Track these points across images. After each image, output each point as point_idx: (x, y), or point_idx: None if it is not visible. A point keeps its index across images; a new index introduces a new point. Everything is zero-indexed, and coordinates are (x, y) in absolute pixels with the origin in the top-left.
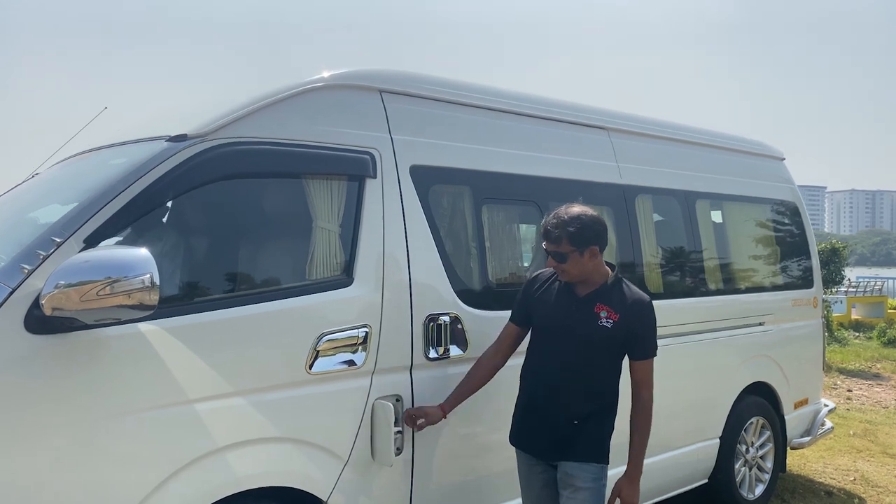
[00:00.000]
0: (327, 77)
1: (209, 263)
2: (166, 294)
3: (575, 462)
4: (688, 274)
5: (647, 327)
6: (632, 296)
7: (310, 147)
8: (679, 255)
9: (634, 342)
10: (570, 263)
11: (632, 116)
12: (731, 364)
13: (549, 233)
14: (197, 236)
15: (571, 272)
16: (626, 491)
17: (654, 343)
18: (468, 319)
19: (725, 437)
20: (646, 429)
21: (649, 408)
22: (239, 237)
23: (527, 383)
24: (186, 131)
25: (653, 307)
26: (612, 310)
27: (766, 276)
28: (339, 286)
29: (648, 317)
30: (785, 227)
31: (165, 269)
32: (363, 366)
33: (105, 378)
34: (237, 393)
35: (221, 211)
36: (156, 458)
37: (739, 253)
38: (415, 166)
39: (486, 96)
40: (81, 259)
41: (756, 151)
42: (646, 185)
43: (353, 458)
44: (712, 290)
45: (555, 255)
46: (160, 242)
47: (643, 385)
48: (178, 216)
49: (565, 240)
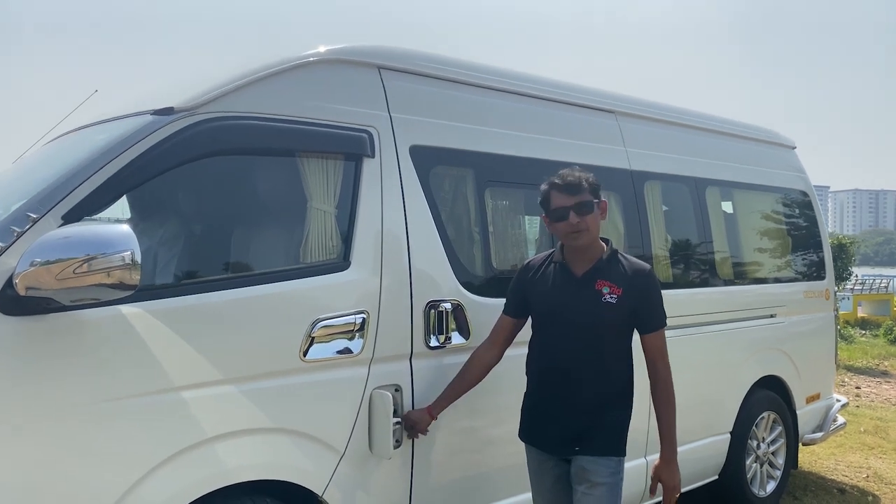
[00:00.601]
0: (323, 52)
1: (197, 243)
2: (152, 275)
3: (591, 456)
4: (697, 263)
5: (654, 296)
6: (631, 266)
7: (304, 123)
8: (689, 244)
9: (642, 314)
10: (593, 217)
11: (641, 101)
12: (741, 357)
13: (569, 184)
14: (185, 215)
15: (592, 229)
16: (666, 475)
17: (662, 312)
18: (471, 307)
19: (736, 432)
20: (670, 404)
21: (669, 381)
22: (229, 217)
23: (533, 375)
24: (173, 104)
25: (655, 276)
26: (613, 284)
27: (778, 267)
28: (335, 270)
29: (653, 285)
30: (796, 217)
31: (151, 249)
32: (360, 354)
33: (85, 363)
34: (226, 380)
35: (211, 189)
36: (140, 448)
37: (750, 242)
38: (415, 146)
39: (490, 76)
40: (58, 235)
41: (767, 139)
42: (655, 171)
43: (349, 451)
44: (722, 280)
45: (579, 207)
46: (145, 221)
47: (658, 358)
48: (164, 194)
49: (587, 189)
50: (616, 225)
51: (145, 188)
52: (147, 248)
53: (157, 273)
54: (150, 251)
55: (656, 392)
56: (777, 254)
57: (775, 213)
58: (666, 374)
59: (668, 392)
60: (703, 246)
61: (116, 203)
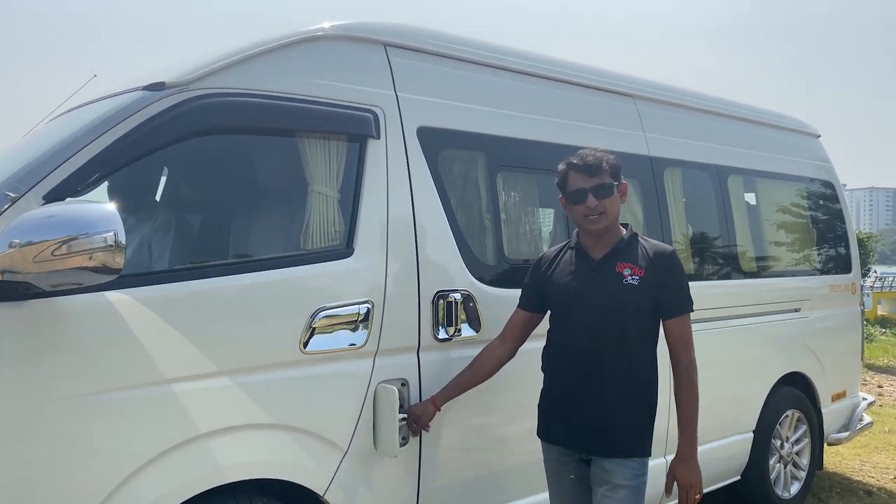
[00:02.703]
0: (327, 28)
1: (191, 227)
2: (141, 260)
3: (613, 458)
4: (719, 254)
5: (677, 278)
6: (653, 248)
7: (306, 102)
8: (710, 234)
9: (665, 297)
10: (612, 200)
11: (660, 85)
12: (765, 353)
13: (588, 165)
14: (177, 197)
15: (611, 213)
16: (682, 472)
17: (687, 295)
18: (482, 298)
19: (759, 430)
20: (693, 398)
21: (693, 373)
22: (226, 200)
23: (551, 370)
24: (165, 80)
25: (678, 256)
26: (635, 266)
27: (802, 260)
28: (338, 257)
29: (677, 266)
30: (821, 208)
31: (140, 232)
32: (365, 346)
33: (68, 353)
34: (222, 373)
35: (206, 169)
36: (129, 444)
37: (774, 233)
38: (423, 128)
39: (503, 56)
40: (36, 215)
41: (791, 127)
42: (675, 158)
43: (353, 449)
44: (745, 272)
45: (598, 190)
46: (134, 202)
47: (682, 346)
48: (155, 173)
49: (607, 171)
50: (634, 212)
51: (135, 167)
52: (136, 230)
53: (147, 258)
54: (139, 234)
55: (679, 383)
56: (801, 246)
57: (800, 203)
58: (689, 365)
59: (691, 384)
60: (725, 236)
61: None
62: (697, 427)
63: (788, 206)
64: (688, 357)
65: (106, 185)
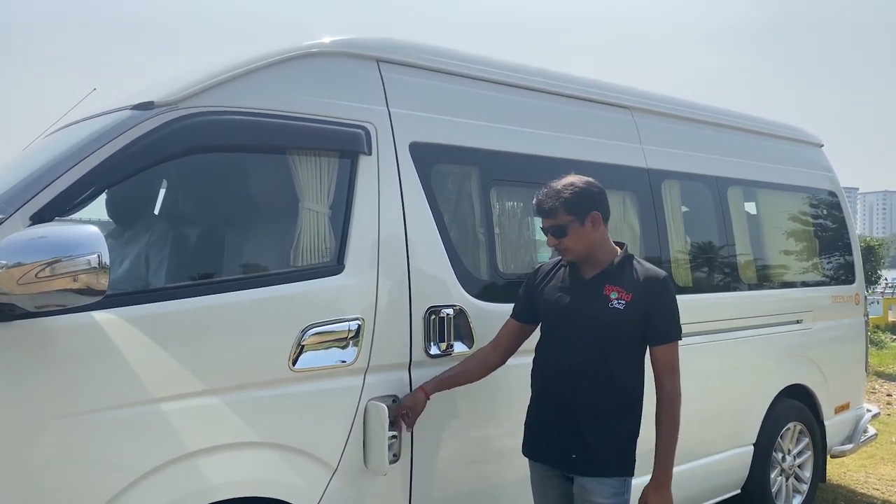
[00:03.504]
0: (318, 44)
1: (180, 246)
2: (129, 280)
3: (592, 476)
4: (719, 266)
5: (666, 305)
6: (645, 272)
7: (296, 119)
8: (709, 246)
9: (652, 323)
10: (572, 236)
11: (658, 96)
12: (765, 365)
13: (541, 207)
14: (167, 216)
15: (576, 248)
16: (654, 497)
17: (675, 324)
18: (475, 313)
19: (760, 443)
20: (672, 426)
21: (676, 401)
22: (215, 218)
23: (536, 386)
24: (154, 98)
25: (670, 283)
26: (623, 289)
27: (804, 271)
28: (328, 274)
29: (666, 293)
30: (824, 218)
31: (129, 251)
32: (355, 362)
33: (53, 373)
34: (209, 391)
35: (194, 188)
36: (114, 464)
37: (775, 244)
38: (415, 143)
39: (497, 70)
40: (21, 237)
41: (793, 137)
42: (673, 170)
43: (342, 466)
44: (745, 284)
45: (553, 231)
46: (123, 222)
47: (666, 374)
48: (144, 193)
49: (562, 210)
50: (632, 225)
51: (123, 187)
52: (126, 250)
53: (136, 277)
54: (128, 254)
55: (660, 411)
56: (803, 256)
57: (801, 213)
58: (673, 394)
59: (672, 413)
60: (725, 248)
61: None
62: (674, 456)
63: (790, 217)
64: (672, 385)
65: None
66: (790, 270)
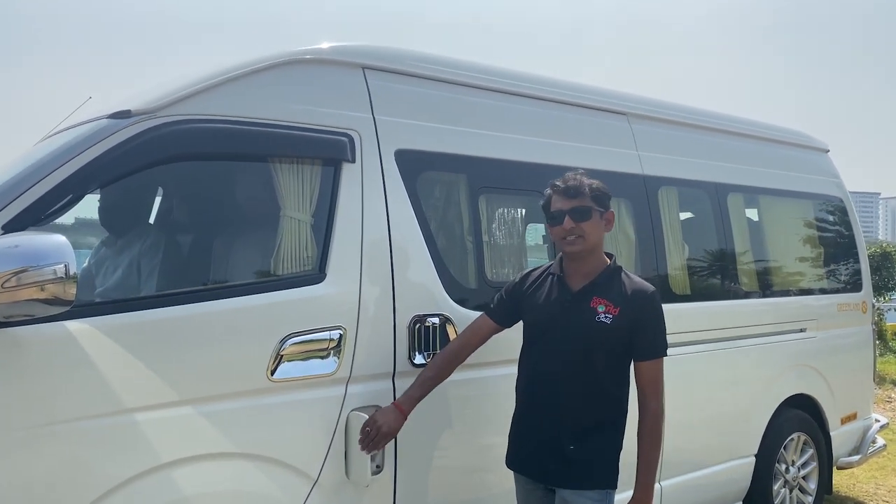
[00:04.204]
0: (302, 51)
1: (158, 255)
2: (105, 289)
3: (573, 489)
4: (718, 274)
5: (653, 320)
6: (633, 286)
7: (277, 127)
8: (708, 254)
9: (637, 339)
10: (591, 224)
11: (655, 101)
12: (767, 374)
13: (568, 187)
14: (143, 225)
15: (590, 237)
16: None
17: (661, 340)
18: (461, 322)
19: (762, 454)
20: (653, 445)
21: (659, 420)
22: (192, 226)
23: (520, 395)
24: (131, 107)
25: (658, 298)
26: (610, 303)
27: (808, 278)
28: (309, 282)
29: (653, 308)
30: (829, 225)
31: (104, 260)
32: (336, 372)
33: (23, 383)
34: (185, 401)
35: (173, 196)
36: (85, 475)
37: (777, 252)
38: (401, 150)
39: (485, 76)
40: None
41: (796, 142)
42: (670, 177)
43: (323, 478)
44: (746, 292)
45: (576, 212)
46: (99, 230)
47: (650, 391)
48: (120, 202)
49: (588, 195)
50: (627, 233)
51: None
52: (103, 258)
53: (112, 286)
54: (103, 262)
55: (642, 427)
56: (808, 264)
57: (806, 220)
58: (656, 412)
59: (654, 432)
60: (724, 256)
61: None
62: (656, 473)
63: (793, 224)
64: (656, 403)
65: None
66: (793, 278)
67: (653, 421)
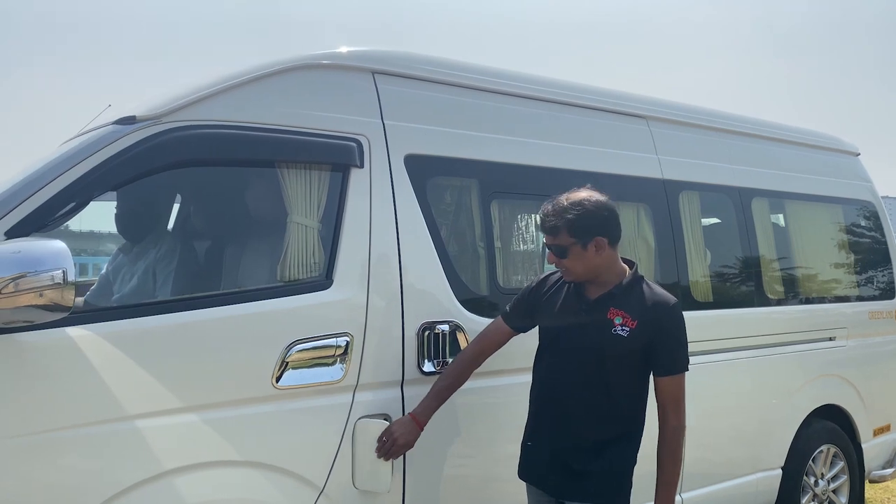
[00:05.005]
0: (311, 56)
1: (159, 262)
2: (111, 294)
3: (584, 502)
4: (741, 281)
5: (673, 335)
6: (653, 297)
7: (284, 132)
8: (731, 260)
9: (657, 354)
10: (572, 259)
11: (675, 104)
12: (794, 384)
13: (545, 222)
14: (149, 230)
15: (575, 270)
16: None
17: (682, 355)
18: (472, 329)
19: (789, 467)
20: (674, 463)
21: (679, 437)
22: (196, 232)
23: (533, 405)
24: (136, 113)
25: (680, 311)
26: (628, 315)
27: (838, 285)
28: (315, 289)
29: (674, 322)
30: (861, 230)
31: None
32: (343, 380)
33: (25, 389)
34: (188, 408)
35: (179, 201)
36: (87, 482)
37: (805, 258)
38: (410, 155)
39: (497, 79)
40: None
41: (825, 145)
42: (691, 181)
43: (329, 487)
44: (770, 299)
45: (554, 250)
46: (104, 236)
47: (670, 408)
48: (126, 207)
49: (564, 230)
50: (646, 239)
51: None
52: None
53: (117, 292)
54: (111, 267)
55: (662, 445)
56: (837, 270)
57: (835, 225)
58: (676, 429)
59: (675, 449)
60: (748, 262)
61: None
62: (675, 492)
63: (822, 229)
64: (677, 420)
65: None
66: (822, 285)
67: (672, 438)
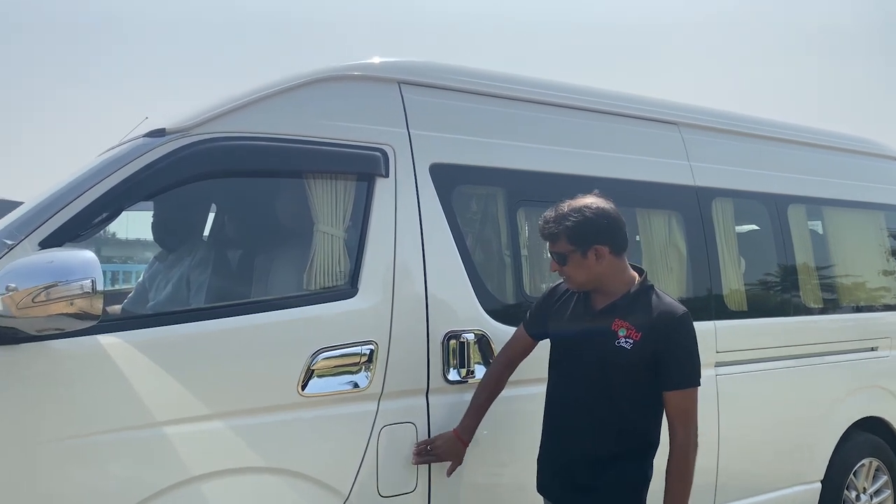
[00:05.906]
0: (338, 68)
1: (192, 270)
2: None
3: None
4: (777, 289)
5: (681, 346)
6: (660, 308)
7: (311, 143)
8: (767, 267)
9: (664, 367)
10: (572, 266)
11: (708, 110)
12: (833, 395)
13: (544, 229)
14: (179, 240)
15: (576, 278)
16: None
17: (691, 368)
18: (497, 338)
19: (829, 481)
20: (683, 480)
21: (689, 452)
22: (224, 242)
23: (544, 418)
24: (166, 126)
25: (689, 322)
26: (632, 327)
27: (881, 294)
28: (340, 297)
29: (682, 334)
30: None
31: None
32: (368, 388)
33: (57, 396)
34: (215, 415)
35: (207, 212)
36: (116, 487)
37: (844, 265)
38: (436, 164)
39: (524, 87)
40: (22, 263)
41: (863, 150)
42: (724, 188)
43: (355, 494)
44: (808, 308)
45: (554, 257)
46: (135, 246)
47: (678, 423)
48: (160, 217)
49: (563, 237)
50: (678, 247)
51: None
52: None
53: (147, 300)
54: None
55: (671, 461)
56: (879, 278)
57: (876, 232)
58: (686, 443)
59: (685, 465)
60: (785, 270)
61: None
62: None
63: (862, 236)
64: (686, 434)
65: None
66: (863, 293)
67: (680, 455)
